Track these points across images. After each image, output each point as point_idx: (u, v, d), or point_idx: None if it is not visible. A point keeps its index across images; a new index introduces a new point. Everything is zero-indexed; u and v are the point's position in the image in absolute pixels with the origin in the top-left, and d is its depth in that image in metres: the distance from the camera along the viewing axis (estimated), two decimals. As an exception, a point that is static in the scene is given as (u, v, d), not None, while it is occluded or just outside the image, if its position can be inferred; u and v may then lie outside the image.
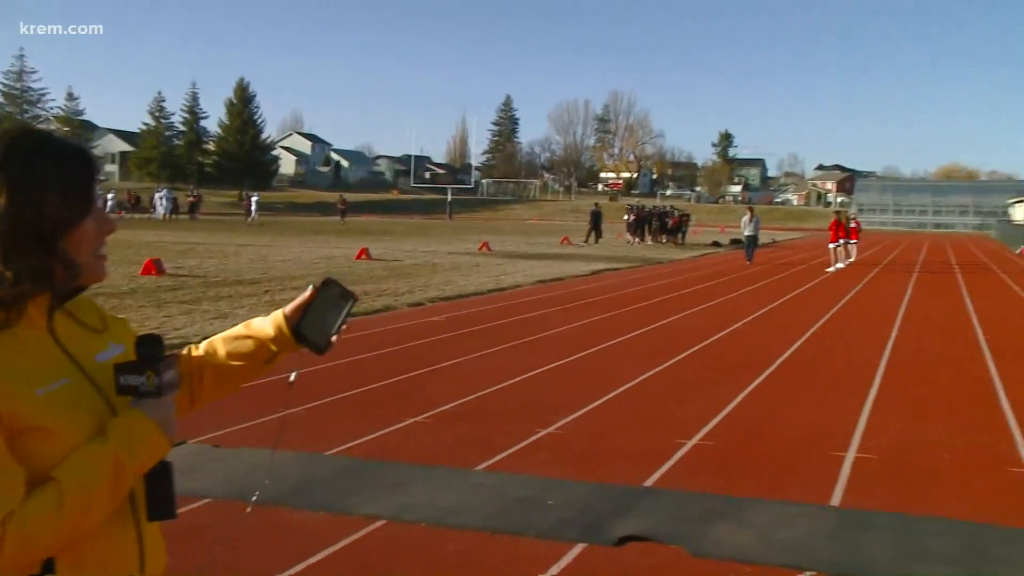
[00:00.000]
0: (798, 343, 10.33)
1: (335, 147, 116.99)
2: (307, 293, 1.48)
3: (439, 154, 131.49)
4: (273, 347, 1.49)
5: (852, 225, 25.05)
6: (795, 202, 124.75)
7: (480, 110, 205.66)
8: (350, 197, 61.68)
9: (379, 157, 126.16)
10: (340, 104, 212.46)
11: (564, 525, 4.15)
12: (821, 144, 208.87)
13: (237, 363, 1.49)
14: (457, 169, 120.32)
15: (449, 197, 68.63)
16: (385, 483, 4.70)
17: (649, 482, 4.92)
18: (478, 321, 11.32)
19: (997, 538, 4.14)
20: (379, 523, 4.15)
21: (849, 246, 24.79)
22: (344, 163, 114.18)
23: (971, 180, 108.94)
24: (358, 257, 21.57)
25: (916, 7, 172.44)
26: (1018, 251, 34.90)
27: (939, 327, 12.01)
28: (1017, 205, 69.33)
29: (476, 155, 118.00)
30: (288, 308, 1.49)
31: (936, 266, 26.39)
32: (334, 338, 1.47)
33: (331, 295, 1.48)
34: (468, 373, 7.88)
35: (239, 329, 1.52)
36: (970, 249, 39.79)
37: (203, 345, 1.52)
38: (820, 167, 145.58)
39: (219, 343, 1.51)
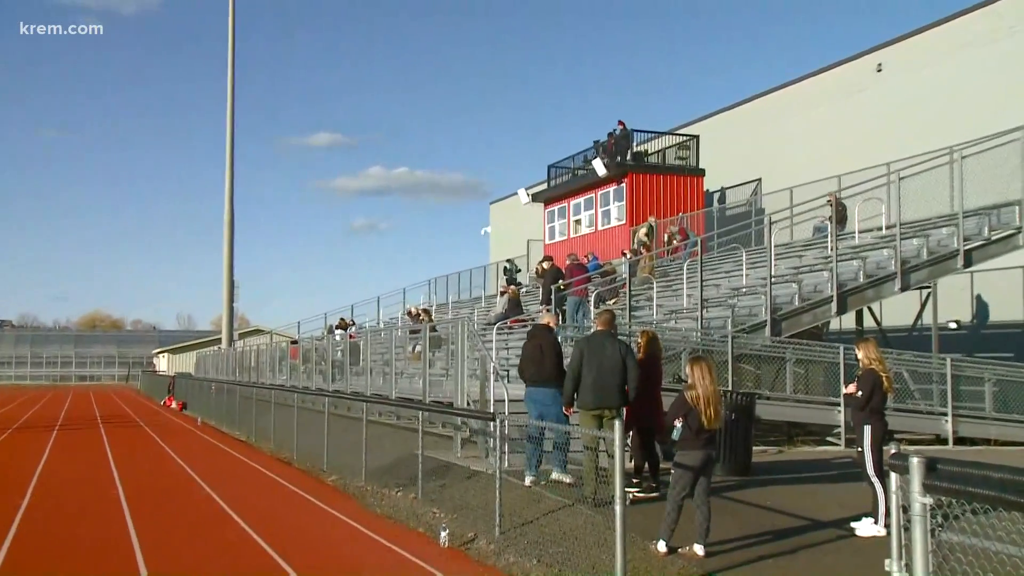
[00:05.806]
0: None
1: None
2: None
3: None
4: None
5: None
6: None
7: None
8: None
9: None
10: None
11: None
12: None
13: None
14: None
15: None
16: None
17: None
18: None
19: None
20: None
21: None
22: None
23: (117, 330, 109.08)
24: None
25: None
26: (162, 402, 36.09)
27: (78, 487, 11.25)
28: (161, 355, 71.08)
29: None
30: None
31: (80, 422, 25.34)
32: None
33: None
34: None
35: None
36: (116, 401, 39.84)
37: None
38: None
39: None
